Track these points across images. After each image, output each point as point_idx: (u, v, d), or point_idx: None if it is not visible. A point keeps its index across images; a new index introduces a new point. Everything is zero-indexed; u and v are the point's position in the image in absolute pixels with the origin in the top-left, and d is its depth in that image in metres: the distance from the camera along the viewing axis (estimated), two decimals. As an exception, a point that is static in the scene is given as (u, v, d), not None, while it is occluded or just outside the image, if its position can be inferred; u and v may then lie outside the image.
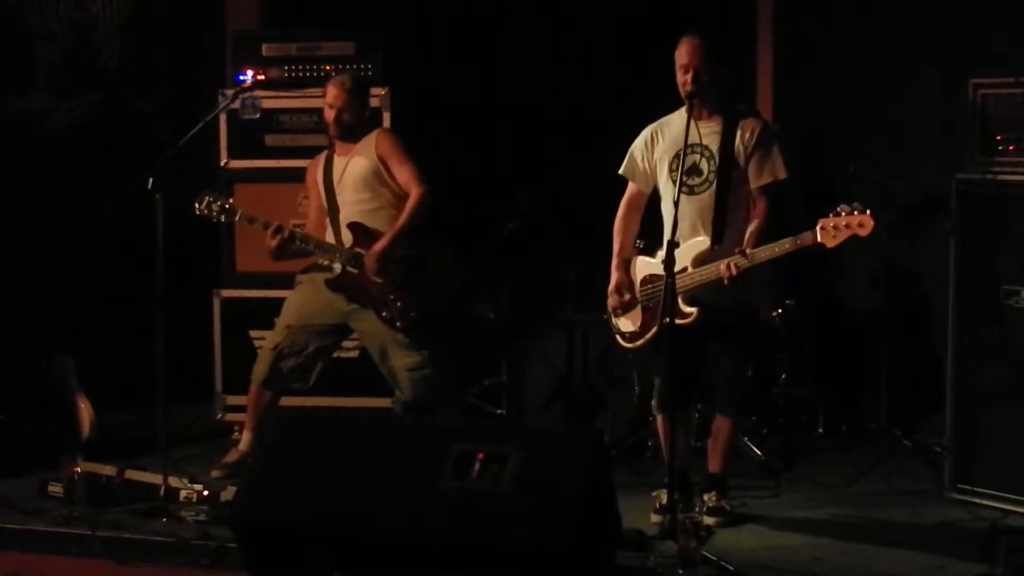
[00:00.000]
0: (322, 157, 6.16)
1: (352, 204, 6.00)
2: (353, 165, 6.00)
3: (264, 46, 6.68)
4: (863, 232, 4.91)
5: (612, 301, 5.48)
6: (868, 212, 4.92)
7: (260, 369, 6.07)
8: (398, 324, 5.88)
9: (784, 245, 5.02)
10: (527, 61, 7.51)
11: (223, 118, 6.58)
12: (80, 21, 7.22)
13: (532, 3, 7.58)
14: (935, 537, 5.19)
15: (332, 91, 6.03)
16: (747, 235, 5.16)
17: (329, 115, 6.04)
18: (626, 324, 5.48)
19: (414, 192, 5.92)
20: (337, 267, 5.94)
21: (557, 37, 7.48)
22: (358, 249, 5.92)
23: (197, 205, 5.95)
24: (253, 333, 6.54)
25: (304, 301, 6.07)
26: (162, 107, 7.41)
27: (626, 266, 5.47)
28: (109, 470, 5.61)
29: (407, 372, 5.95)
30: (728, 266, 5.07)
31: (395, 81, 6.63)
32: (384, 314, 5.89)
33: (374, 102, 6.41)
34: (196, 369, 6.72)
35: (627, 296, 5.43)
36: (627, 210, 5.51)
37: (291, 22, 7.34)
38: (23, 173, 6.89)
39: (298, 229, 6.09)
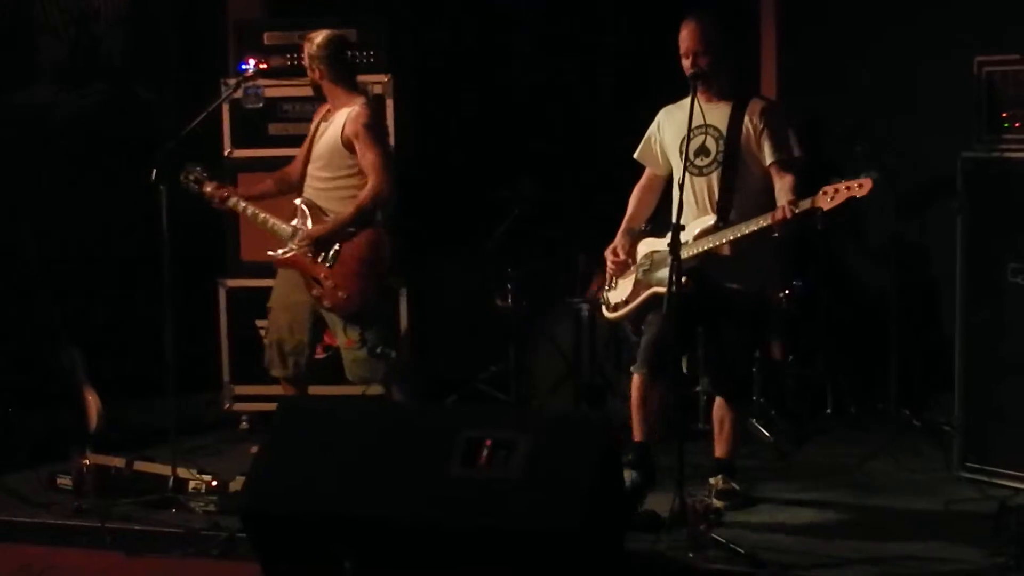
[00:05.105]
0: (325, 107, 6.00)
1: (313, 178, 5.89)
2: (324, 136, 5.88)
3: (266, 35, 6.67)
4: (861, 192, 4.81)
5: (608, 261, 5.46)
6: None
7: (275, 365, 5.99)
8: (326, 303, 5.80)
9: (806, 203, 4.93)
10: (531, 45, 7.49)
11: (226, 108, 6.57)
12: (82, 12, 7.21)
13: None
14: (945, 516, 5.20)
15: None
16: (787, 192, 5.09)
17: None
18: (615, 295, 5.47)
19: (371, 181, 5.73)
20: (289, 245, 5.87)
21: (561, 21, 7.45)
22: (298, 226, 5.83)
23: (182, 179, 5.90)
24: (259, 322, 6.47)
25: (278, 283, 6.02)
26: (166, 97, 7.40)
27: (632, 237, 5.45)
28: (118, 462, 5.61)
29: (344, 351, 5.89)
30: (783, 208, 4.94)
31: (398, 67, 6.61)
32: (314, 291, 5.81)
33: (376, 89, 6.38)
34: (203, 359, 6.72)
35: (622, 256, 5.42)
36: (643, 190, 5.53)
37: (293, 10, 7.31)
38: (29, 166, 6.88)
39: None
